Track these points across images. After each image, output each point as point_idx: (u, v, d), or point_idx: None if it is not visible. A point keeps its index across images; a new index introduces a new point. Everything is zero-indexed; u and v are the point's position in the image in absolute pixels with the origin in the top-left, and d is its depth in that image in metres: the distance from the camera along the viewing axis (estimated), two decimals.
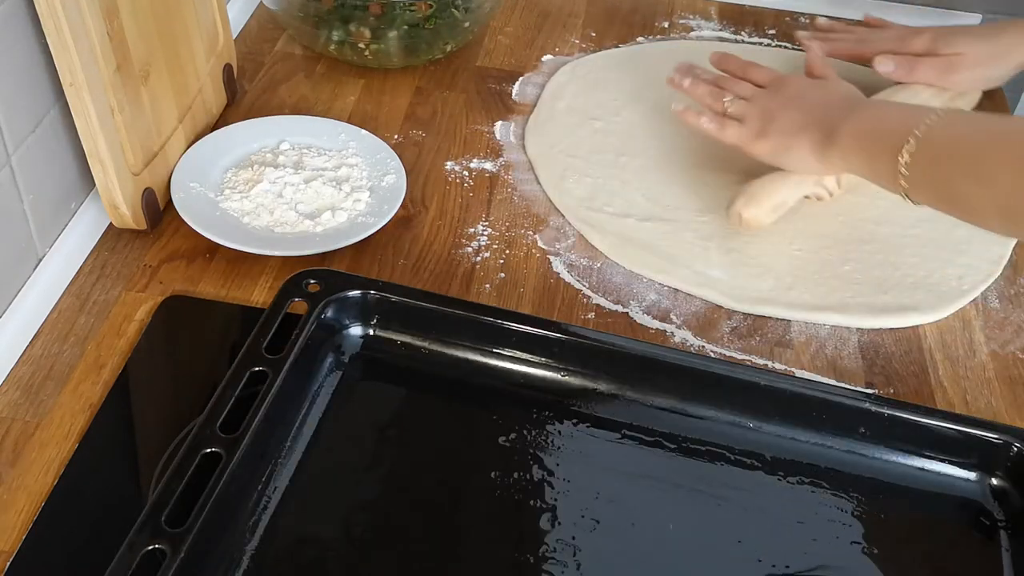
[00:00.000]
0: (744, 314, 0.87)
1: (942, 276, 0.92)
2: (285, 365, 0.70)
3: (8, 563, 0.65)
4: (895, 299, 0.89)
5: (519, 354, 0.77)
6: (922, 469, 0.74)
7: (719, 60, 0.99)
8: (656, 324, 0.85)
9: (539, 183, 0.99)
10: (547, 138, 1.04)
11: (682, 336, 0.85)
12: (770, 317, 0.87)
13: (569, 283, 0.88)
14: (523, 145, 1.03)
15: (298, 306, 0.74)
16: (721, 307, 0.88)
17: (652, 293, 0.88)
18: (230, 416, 0.66)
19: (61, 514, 0.68)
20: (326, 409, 0.73)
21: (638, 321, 0.85)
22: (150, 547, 0.59)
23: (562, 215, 0.95)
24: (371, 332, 0.78)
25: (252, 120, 0.98)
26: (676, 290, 0.89)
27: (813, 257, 0.93)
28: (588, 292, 0.88)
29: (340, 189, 0.90)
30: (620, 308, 0.86)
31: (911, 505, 0.72)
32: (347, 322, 0.77)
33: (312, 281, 0.76)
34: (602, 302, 0.87)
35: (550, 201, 0.97)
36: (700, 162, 1.02)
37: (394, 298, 0.77)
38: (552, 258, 0.91)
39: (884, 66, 1.04)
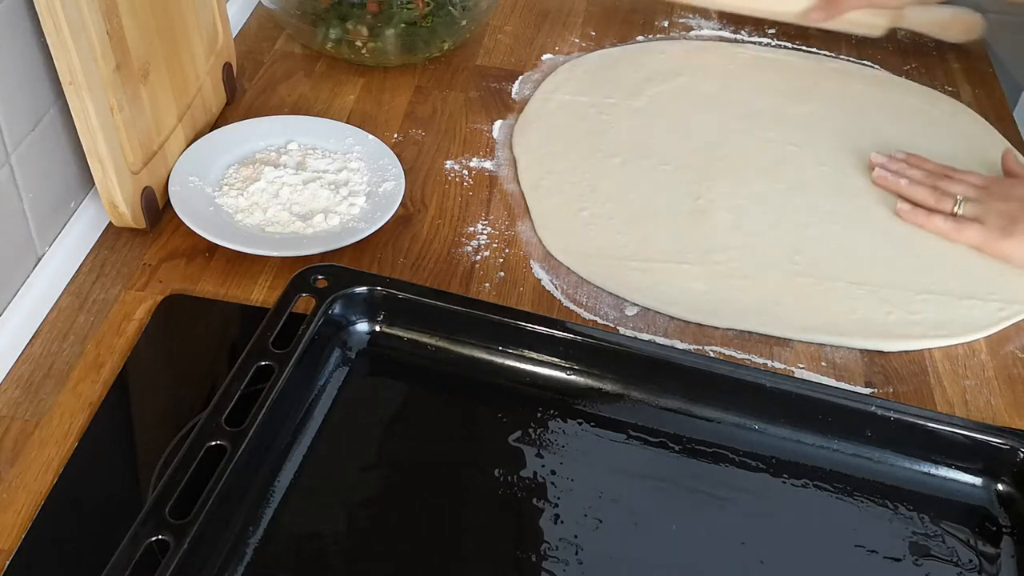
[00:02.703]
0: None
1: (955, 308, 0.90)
2: (291, 360, 0.70)
3: (8, 562, 0.64)
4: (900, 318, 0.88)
5: (525, 352, 0.77)
6: (928, 473, 0.74)
7: (914, 160, 1.01)
8: (647, 337, 0.84)
9: (518, 183, 0.98)
10: (532, 138, 1.03)
11: (674, 339, 0.84)
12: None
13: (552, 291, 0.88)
14: (510, 144, 1.03)
15: (301, 304, 0.74)
16: (704, 325, 0.86)
17: (636, 307, 0.87)
18: (235, 410, 0.66)
19: (61, 513, 0.67)
20: (332, 404, 0.73)
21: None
22: (154, 538, 0.59)
23: (531, 220, 0.94)
24: (378, 328, 0.78)
25: (260, 118, 0.98)
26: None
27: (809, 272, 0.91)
28: (570, 306, 0.86)
29: (337, 193, 0.90)
30: (610, 325, 0.85)
31: (916, 509, 0.72)
32: (354, 318, 0.77)
33: (320, 277, 0.76)
34: (584, 314, 0.85)
35: (524, 203, 0.96)
36: (698, 160, 1.02)
37: (401, 295, 0.77)
38: (532, 263, 0.90)
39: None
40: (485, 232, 0.92)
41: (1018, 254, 0.92)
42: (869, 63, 1.20)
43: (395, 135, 1.02)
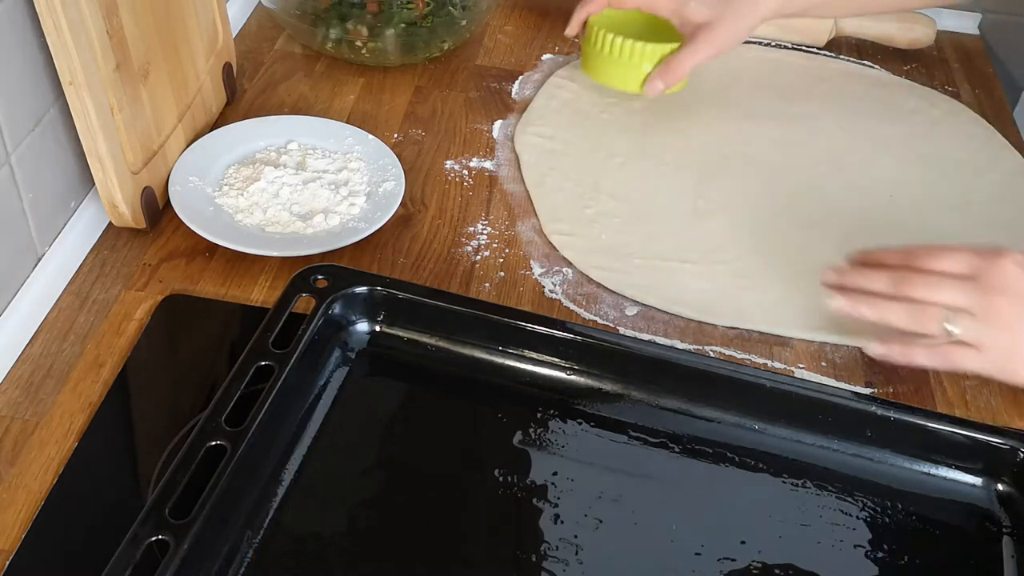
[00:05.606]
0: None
1: None
2: (291, 360, 0.70)
3: (8, 562, 0.64)
4: None
5: (526, 352, 0.77)
6: (928, 474, 0.74)
7: (872, 258, 0.80)
8: (647, 337, 0.84)
9: (523, 183, 0.98)
10: (535, 137, 1.03)
11: (674, 339, 0.84)
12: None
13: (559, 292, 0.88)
14: (513, 144, 1.03)
15: (301, 304, 0.74)
16: (704, 323, 0.86)
17: (636, 306, 0.87)
18: (235, 410, 0.66)
19: (61, 513, 0.67)
20: (332, 404, 0.73)
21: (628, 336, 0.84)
22: (154, 538, 0.59)
23: (537, 219, 0.94)
24: (378, 328, 0.78)
25: (260, 118, 0.98)
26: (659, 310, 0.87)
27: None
28: (570, 306, 0.86)
29: (337, 193, 0.90)
30: (610, 325, 0.85)
31: (916, 509, 0.72)
32: (354, 318, 0.77)
33: (320, 276, 0.76)
34: (584, 314, 0.85)
35: (531, 203, 0.96)
36: (699, 160, 1.02)
37: (401, 295, 0.77)
38: (532, 262, 0.90)
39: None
40: (485, 232, 0.92)
41: None
42: (869, 63, 1.21)
43: (395, 135, 1.02)
